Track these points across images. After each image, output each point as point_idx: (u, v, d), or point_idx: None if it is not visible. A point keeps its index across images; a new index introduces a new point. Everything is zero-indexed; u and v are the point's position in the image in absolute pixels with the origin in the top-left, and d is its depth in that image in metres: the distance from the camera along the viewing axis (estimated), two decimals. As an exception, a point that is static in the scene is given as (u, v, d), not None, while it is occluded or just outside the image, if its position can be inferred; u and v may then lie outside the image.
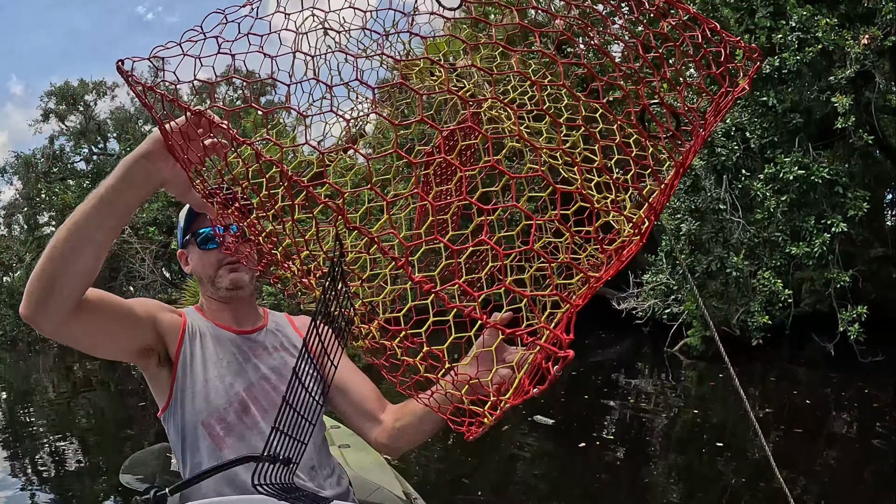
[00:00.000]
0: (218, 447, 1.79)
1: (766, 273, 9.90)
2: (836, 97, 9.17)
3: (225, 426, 1.80)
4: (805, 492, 5.78)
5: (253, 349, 1.94)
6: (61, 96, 28.72)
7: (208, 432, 1.80)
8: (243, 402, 1.84)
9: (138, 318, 1.75)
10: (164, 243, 23.38)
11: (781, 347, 11.74)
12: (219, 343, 1.91)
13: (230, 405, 1.82)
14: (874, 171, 13.50)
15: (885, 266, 13.60)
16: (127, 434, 9.20)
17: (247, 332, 1.98)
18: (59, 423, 10.36)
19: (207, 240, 1.92)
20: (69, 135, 29.04)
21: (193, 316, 1.96)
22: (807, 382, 10.75)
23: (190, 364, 1.84)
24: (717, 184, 10.56)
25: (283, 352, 1.98)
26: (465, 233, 1.55)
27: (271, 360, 1.94)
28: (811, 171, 9.45)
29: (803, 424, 8.30)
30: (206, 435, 1.80)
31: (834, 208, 9.90)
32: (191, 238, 1.95)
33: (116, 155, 27.44)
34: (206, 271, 1.94)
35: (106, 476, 7.10)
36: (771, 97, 9.71)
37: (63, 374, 16.86)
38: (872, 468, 6.56)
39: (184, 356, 1.84)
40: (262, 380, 1.89)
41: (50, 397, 13.18)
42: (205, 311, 2.00)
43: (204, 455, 1.79)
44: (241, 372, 1.87)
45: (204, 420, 1.80)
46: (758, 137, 10.05)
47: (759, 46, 9.48)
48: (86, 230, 1.43)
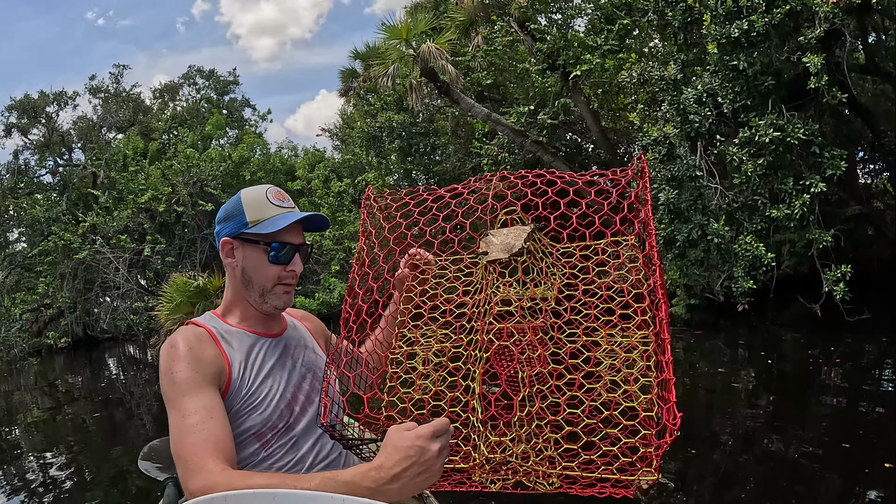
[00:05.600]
0: (265, 447, 1.79)
1: (747, 237, 9.88)
2: (807, 57, 9.15)
3: (275, 432, 1.80)
4: (799, 455, 5.77)
5: (287, 351, 1.93)
6: (22, 110, 28.31)
7: (258, 439, 1.78)
8: (289, 405, 1.85)
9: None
10: (136, 251, 23.10)
11: (766, 311, 11.76)
12: (258, 353, 1.86)
13: (279, 412, 1.81)
14: (845, 131, 13.56)
15: (861, 224, 13.67)
16: (114, 447, 9.04)
17: (276, 334, 1.95)
18: (46, 438, 10.23)
19: (279, 258, 1.86)
20: (33, 148, 28.69)
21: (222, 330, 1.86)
22: (795, 344, 10.80)
23: (238, 386, 1.77)
24: (691, 151, 10.53)
25: (305, 349, 2.00)
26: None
27: (301, 357, 1.96)
28: (787, 133, 9.43)
29: (794, 387, 8.31)
30: (255, 440, 1.78)
31: (811, 168, 9.89)
32: (261, 243, 1.85)
33: (82, 165, 27.06)
34: (262, 282, 1.87)
35: (91, 490, 6.99)
36: (741, 60, 9.67)
37: (45, 391, 16.60)
38: (866, 428, 6.57)
39: (233, 384, 1.76)
40: (301, 379, 1.90)
41: (34, 413, 12.96)
42: (231, 317, 1.92)
43: (248, 453, 1.77)
44: (282, 377, 1.86)
45: (256, 431, 1.78)
46: (730, 102, 10.01)
47: (727, 10, 9.45)
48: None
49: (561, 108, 15.48)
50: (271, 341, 1.89)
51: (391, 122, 17.60)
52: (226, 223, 1.87)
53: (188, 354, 1.70)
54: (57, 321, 24.31)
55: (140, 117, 30.62)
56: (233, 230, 1.86)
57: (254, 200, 1.86)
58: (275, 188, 1.90)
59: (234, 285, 1.91)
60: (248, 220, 1.84)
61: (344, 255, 19.99)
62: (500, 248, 1.66)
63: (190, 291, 12.32)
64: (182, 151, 24.61)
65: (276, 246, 1.83)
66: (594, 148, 17.46)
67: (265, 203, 1.85)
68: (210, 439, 1.56)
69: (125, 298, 23.02)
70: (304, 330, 2.08)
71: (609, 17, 13.94)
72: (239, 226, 1.85)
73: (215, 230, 1.92)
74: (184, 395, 1.63)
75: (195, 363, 1.69)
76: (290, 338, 1.96)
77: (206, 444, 1.54)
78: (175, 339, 1.75)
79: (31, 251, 24.44)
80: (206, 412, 1.61)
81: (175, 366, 1.68)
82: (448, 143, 18.33)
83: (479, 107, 15.70)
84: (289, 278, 1.87)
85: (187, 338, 1.75)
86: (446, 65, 14.73)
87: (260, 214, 1.84)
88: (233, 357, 1.78)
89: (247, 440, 1.76)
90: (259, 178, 24.06)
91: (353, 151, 22.93)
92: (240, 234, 1.85)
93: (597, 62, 13.53)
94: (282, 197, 1.89)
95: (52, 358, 23.08)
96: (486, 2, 16.86)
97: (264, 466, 1.76)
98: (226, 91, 34.62)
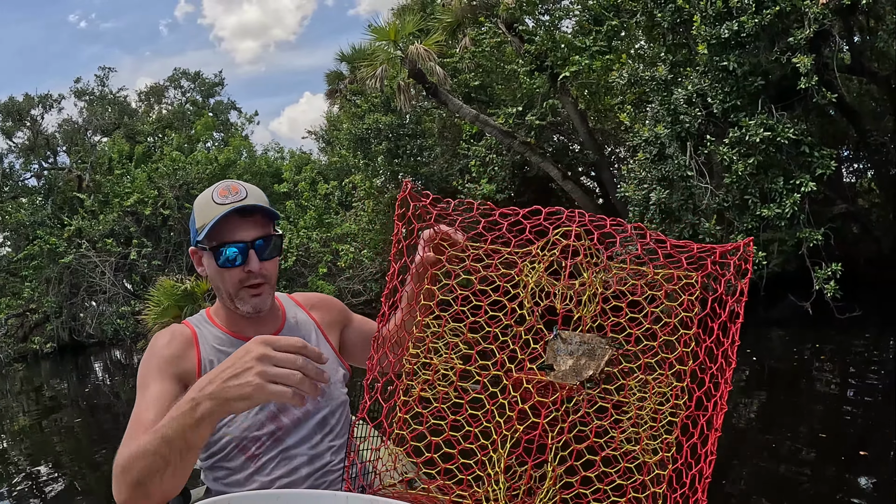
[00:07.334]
0: (253, 461, 1.73)
1: (738, 236, 9.92)
2: (797, 58, 9.20)
3: (259, 444, 1.73)
4: (794, 450, 5.82)
5: None
6: (6, 113, 28.08)
7: (242, 452, 1.73)
8: (274, 417, 1.76)
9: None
10: (122, 254, 22.95)
11: (756, 309, 11.81)
12: None
13: (258, 423, 1.73)
14: (830, 130, 13.64)
15: (847, 223, 13.77)
16: (100, 453, 8.97)
17: None
18: (33, 446, 10.13)
19: (228, 261, 1.72)
20: (18, 151, 28.44)
21: (206, 332, 1.81)
22: (787, 342, 10.87)
23: None
24: (681, 151, 10.57)
25: None
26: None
27: None
28: (777, 133, 9.48)
29: (787, 384, 8.37)
30: (238, 453, 1.73)
31: (801, 168, 9.95)
32: (208, 249, 1.74)
33: (67, 168, 26.88)
34: (226, 287, 1.77)
35: (82, 496, 6.95)
36: (731, 61, 9.71)
37: (31, 397, 16.46)
38: (849, 420, 6.65)
39: None
40: None
41: (21, 420, 12.85)
42: (220, 319, 1.86)
43: (238, 464, 1.74)
44: None
45: (237, 444, 1.72)
46: (720, 102, 10.05)
47: (717, 11, 9.48)
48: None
49: (549, 109, 15.51)
50: None
51: (378, 123, 17.56)
52: (191, 232, 1.80)
53: (159, 353, 1.69)
54: (42, 326, 24.10)
55: (126, 120, 30.42)
56: (192, 239, 1.78)
57: (200, 205, 1.76)
58: (225, 183, 1.77)
59: (215, 290, 1.85)
60: (197, 226, 1.74)
61: (331, 257, 19.93)
62: (570, 370, 1.40)
63: (177, 295, 12.25)
64: (168, 154, 24.47)
65: (221, 250, 1.71)
66: (581, 149, 17.48)
67: (209, 205, 1.72)
68: (140, 424, 1.49)
69: (111, 303, 22.85)
70: (310, 324, 1.96)
71: (597, 18, 13.98)
72: (193, 234, 1.77)
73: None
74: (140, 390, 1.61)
75: (162, 361, 1.67)
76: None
77: (135, 428, 1.48)
78: (156, 336, 1.76)
79: (15, 255, 24.20)
80: (152, 403, 1.56)
81: (145, 364, 1.68)
82: (435, 144, 18.31)
83: (467, 108, 15.69)
84: (250, 279, 1.74)
85: (164, 336, 1.76)
86: (434, 66, 14.73)
87: (204, 219, 1.72)
88: (205, 361, 1.73)
89: (230, 453, 1.72)
90: (245, 181, 23.88)
91: (340, 153, 22.87)
92: (196, 242, 1.76)
93: (585, 63, 13.55)
94: (227, 192, 1.74)
95: (37, 363, 22.89)
96: (474, 3, 16.87)
97: (256, 479, 1.71)
98: (211, 93, 34.46)
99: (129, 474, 1.31)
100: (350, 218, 20.94)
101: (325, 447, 1.81)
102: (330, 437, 1.83)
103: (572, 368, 1.40)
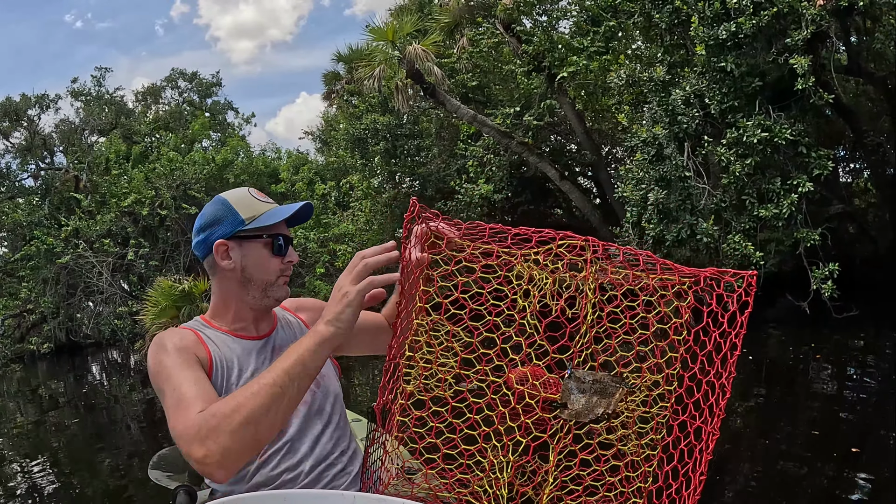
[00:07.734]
0: (260, 455, 1.76)
1: (736, 237, 9.95)
2: (794, 59, 9.23)
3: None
4: (789, 448, 5.84)
5: (274, 352, 1.89)
6: (3, 113, 28.04)
7: None
8: None
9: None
10: (119, 255, 22.91)
11: (753, 309, 11.81)
12: (239, 357, 1.84)
13: None
14: (827, 131, 13.67)
15: (843, 222, 13.81)
16: (100, 453, 8.97)
17: (265, 335, 1.94)
18: (31, 446, 10.12)
19: (285, 248, 1.88)
20: (14, 152, 28.39)
21: (209, 333, 1.86)
22: (784, 341, 10.89)
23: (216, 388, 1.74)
24: (679, 151, 10.59)
25: None
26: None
27: None
28: (774, 133, 9.51)
29: (784, 383, 8.39)
30: None
31: (798, 168, 9.98)
32: (264, 236, 1.85)
33: (64, 168, 26.85)
34: (265, 276, 1.87)
35: (79, 496, 6.94)
36: (729, 62, 9.74)
37: (28, 397, 16.45)
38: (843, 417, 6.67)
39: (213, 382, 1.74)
40: None
41: (18, 420, 12.84)
42: (220, 321, 1.91)
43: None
44: None
45: None
46: (717, 103, 10.07)
47: (714, 12, 9.50)
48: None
49: (546, 109, 15.52)
50: (256, 344, 1.88)
51: (376, 123, 17.57)
52: (216, 226, 1.84)
53: (174, 347, 1.72)
54: (39, 327, 24.01)
55: (122, 120, 30.37)
56: (227, 231, 1.83)
57: (241, 200, 1.87)
58: (250, 188, 1.93)
59: (226, 288, 1.89)
60: (243, 217, 1.83)
61: (328, 257, 19.94)
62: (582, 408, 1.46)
63: (175, 295, 12.21)
64: (165, 155, 24.43)
65: (279, 236, 1.85)
66: (579, 149, 17.50)
67: (253, 200, 1.87)
68: (200, 396, 1.54)
69: (109, 303, 22.80)
70: (298, 324, 2.06)
71: (595, 18, 14.00)
72: (234, 225, 1.82)
73: (200, 236, 1.87)
74: (170, 378, 1.62)
75: (182, 351, 1.70)
76: (278, 337, 1.94)
77: (194, 401, 1.52)
78: (161, 336, 1.78)
79: (12, 256, 24.14)
80: (194, 381, 1.61)
81: (164, 358, 1.69)
82: (433, 144, 18.32)
83: (465, 108, 15.71)
84: (288, 269, 1.89)
85: (173, 335, 1.78)
86: (432, 66, 14.74)
87: (253, 211, 1.84)
88: (215, 356, 1.78)
89: None
90: (242, 181, 23.86)
91: (337, 154, 22.87)
92: (236, 232, 1.83)
93: (582, 64, 13.58)
94: (263, 194, 1.93)
95: (34, 364, 22.83)
96: (472, 3, 16.89)
97: (262, 473, 1.75)
98: (208, 94, 34.44)
99: (234, 417, 1.42)
100: (347, 218, 20.98)
101: (327, 439, 1.86)
102: (330, 429, 1.89)
103: (585, 406, 1.48)
